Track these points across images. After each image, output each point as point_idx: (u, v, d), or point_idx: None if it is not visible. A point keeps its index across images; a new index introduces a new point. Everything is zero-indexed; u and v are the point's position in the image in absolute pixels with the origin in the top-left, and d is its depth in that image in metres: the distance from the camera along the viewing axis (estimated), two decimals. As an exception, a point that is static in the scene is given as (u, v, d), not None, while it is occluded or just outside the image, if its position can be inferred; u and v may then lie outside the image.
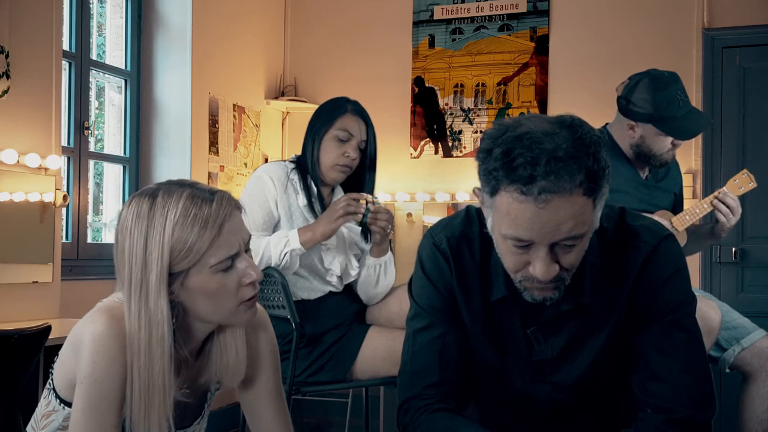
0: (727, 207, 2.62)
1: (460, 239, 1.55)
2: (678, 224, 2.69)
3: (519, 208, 1.30)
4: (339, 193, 2.64)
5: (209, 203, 1.36)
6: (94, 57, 3.99)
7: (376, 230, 2.51)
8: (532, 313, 1.51)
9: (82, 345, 1.33)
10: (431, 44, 4.88)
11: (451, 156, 4.81)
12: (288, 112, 5.12)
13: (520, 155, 1.28)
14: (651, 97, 2.55)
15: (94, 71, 3.98)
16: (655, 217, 2.42)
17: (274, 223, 2.51)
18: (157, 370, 1.33)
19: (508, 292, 1.48)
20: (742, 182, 2.71)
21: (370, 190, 2.64)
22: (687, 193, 4.12)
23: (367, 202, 2.44)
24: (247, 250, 1.42)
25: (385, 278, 2.59)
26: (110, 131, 4.25)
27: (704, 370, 1.48)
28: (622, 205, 1.57)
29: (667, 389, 1.44)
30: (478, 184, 1.42)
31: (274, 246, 2.41)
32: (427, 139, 4.86)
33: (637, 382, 1.49)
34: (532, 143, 1.28)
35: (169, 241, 1.33)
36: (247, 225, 1.44)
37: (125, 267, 1.36)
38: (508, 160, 1.29)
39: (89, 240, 3.94)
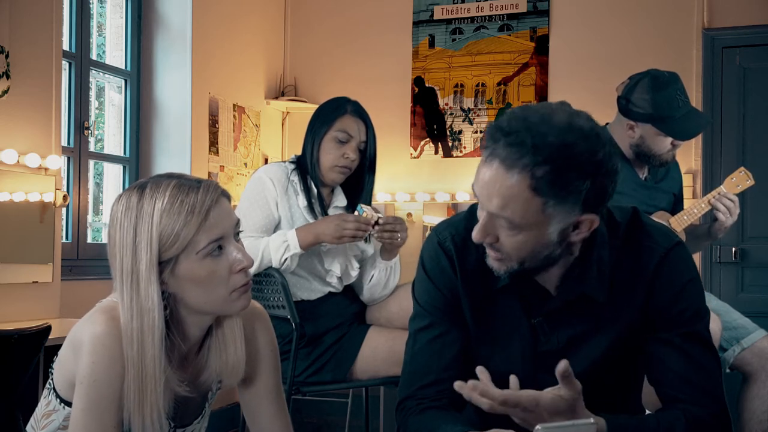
0: (725, 207, 2.62)
1: (464, 237, 1.55)
2: (676, 224, 2.69)
3: (480, 162, 1.38)
4: (339, 193, 2.64)
5: (195, 190, 1.37)
6: (94, 57, 3.99)
7: (382, 241, 2.51)
8: (536, 303, 1.51)
9: (82, 345, 1.34)
10: (431, 44, 4.88)
11: (451, 156, 4.81)
12: (288, 112, 5.13)
13: (509, 124, 1.33)
14: (650, 96, 2.55)
15: (94, 71, 3.98)
16: (654, 217, 2.42)
17: (275, 224, 2.51)
18: (149, 357, 1.34)
19: (511, 281, 1.49)
20: (740, 180, 2.70)
21: (370, 192, 2.63)
22: (687, 193, 4.12)
23: (375, 223, 2.43)
24: (237, 235, 1.43)
25: (393, 279, 2.60)
26: (110, 131, 4.25)
27: (720, 380, 1.50)
28: (625, 205, 1.57)
29: (692, 392, 1.46)
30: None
31: (273, 249, 2.41)
32: (427, 139, 4.86)
33: (660, 388, 1.50)
34: (526, 118, 1.33)
35: (157, 229, 1.34)
36: (244, 222, 1.44)
37: (116, 259, 1.37)
38: (500, 123, 1.35)
39: (89, 240, 3.94)
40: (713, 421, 1.44)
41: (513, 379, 1.40)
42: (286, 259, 2.40)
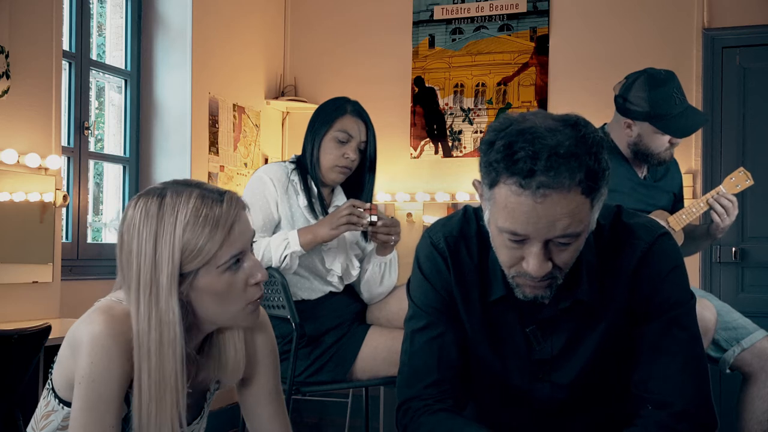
0: (723, 207, 2.62)
1: (458, 239, 1.55)
2: (674, 224, 2.69)
3: (516, 201, 1.30)
4: (339, 193, 2.64)
5: (219, 204, 1.36)
6: (94, 57, 3.99)
7: (376, 242, 2.52)
8: (530, 312, 1.51)
9: (81, 345, 1.33)
10: (431, 44, 4.88)
11: (451, 156, 4.81)
12: (288, 112, 5.13)
13: (522, 149, 1.29)
14: (647, 94, 2.55)
15: (94, 71, 3.98)
16: (652, 216, 2.42)
17: (275, 224, 2.51)
18: (168, 370, 1.33)
19: (506, 291, 1.49)
20: (739, 180, 2.71)
21: (370, 192, 2.64)
22: (687, 193, 4.12)
23: (370, 216, 2.43)
24: (252, 245, 1.43)
25: (389, 276, 2.59)
26: (110, 131, 4.25)
27: (703, 370, 1.48)
28: (610, 203, 1.57)
29: (666, 386, 1.45)
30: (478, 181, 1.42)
31: (274, 248, 2.41)
32: (427, 139, 4.86)
33: (636, 380, 1.49)
34: (534, 138, 1.29)
35: (180, 242, 1.33)
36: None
37: (133, 267, 1.35)
38: (509, 152, 1.30)
39: (89, 240, 3.94)
40: (673, 422, 1.42)
41: None
42: (285, 257, 2.40)
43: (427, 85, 4.88)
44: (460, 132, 4.80)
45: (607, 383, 1.56)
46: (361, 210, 2.41)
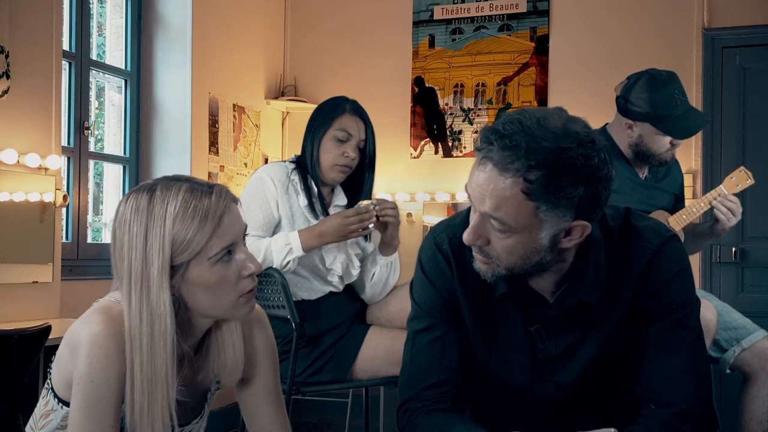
0: (727, 209, 2.62)
1: (461, 239, 1.55)
2: (675, 224, 2.69)
3: (474, 164, 1.38)
4: (339, 193, 2.64)
5: (208, 196, 1.37)
6: (94, 57, 3.99)
7: (389, 221, 2.49)
8: (534, 310, 1.51)
9: (79, 345, 1.33)
10: (431, 44, 4.88)
11: (451, 156, 4.81)
12: (288, 112, 5.12)
13: (503, 126, 1.33)
14: (648, 96, 2.55)
15: (94, 71, 3.98)
16: (652, 217, 2.42)
17: (275, 224, 2.51)
18: (159, 363, 1.34)
19: (509, 288, 1.49)
20: (740, 179, 2.70)
21: (369, 190, 2.64)
22: (687, 193, 4.11)
23: (373, 207, 2.43)
24: (244, 239, 1.43)
25: (393, 276, 2.60)
26: (110, 131, 4.25)
27: (707, 372, 1.49)
28: (619, 205, 1.57)
29: (670, 386, 1.45)
30: None
31: (276, 252, 2.41)
32: (427, 139, 4.86)
33: (639, 379, 1.49)
34: (516, 121, 1.32)
35: (170, 234, 1.33)
36: (247, 223, 1.44)
37: (125, 261, 1.36)
38: (495, 125, 1.35)
39: (89, 240, 3.94)
40: (676, 422, 1.43)
41: None
42: (288, 262, 2.41)
43: (427, 85, 4.88)
44: (460, 132, 4.80)
45: (609, 383, 1.56)
46: (367, 213, 2.41)
